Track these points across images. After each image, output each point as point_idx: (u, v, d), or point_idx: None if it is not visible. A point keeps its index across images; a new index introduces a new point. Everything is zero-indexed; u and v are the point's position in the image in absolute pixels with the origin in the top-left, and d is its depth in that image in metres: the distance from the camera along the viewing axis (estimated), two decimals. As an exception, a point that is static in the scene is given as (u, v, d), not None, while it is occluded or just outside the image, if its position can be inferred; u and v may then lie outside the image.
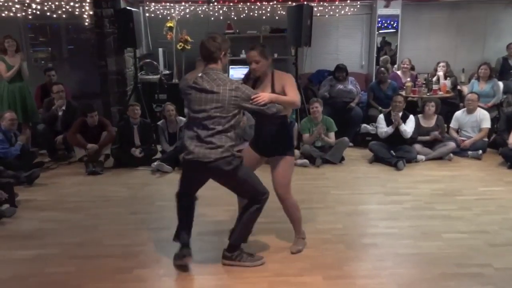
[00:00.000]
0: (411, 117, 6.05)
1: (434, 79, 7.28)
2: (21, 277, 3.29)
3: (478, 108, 6.34)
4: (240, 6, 8.45)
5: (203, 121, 3.05)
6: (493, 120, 6.66)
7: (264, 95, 3.11)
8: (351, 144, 6.61)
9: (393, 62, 8.49)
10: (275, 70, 3.41)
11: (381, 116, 6.23)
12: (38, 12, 7.57)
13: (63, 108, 6.37)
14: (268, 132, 3.40)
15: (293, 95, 3.26)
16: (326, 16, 8.66)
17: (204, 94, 3.04)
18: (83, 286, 3.16)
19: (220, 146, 3.02)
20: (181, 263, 3.27)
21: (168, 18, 7.95)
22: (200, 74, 3.10)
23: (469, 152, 6.18)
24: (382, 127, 6.10)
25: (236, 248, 3.36)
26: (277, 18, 8.47)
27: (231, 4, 8.35)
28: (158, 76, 7.58)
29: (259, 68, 3.29)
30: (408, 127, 5.96)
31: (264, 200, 3.30)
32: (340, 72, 7.00)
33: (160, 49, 8.08)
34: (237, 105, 3.05)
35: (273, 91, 3.27)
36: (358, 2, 8.66)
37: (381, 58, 8.32)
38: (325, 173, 5.69)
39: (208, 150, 3.03)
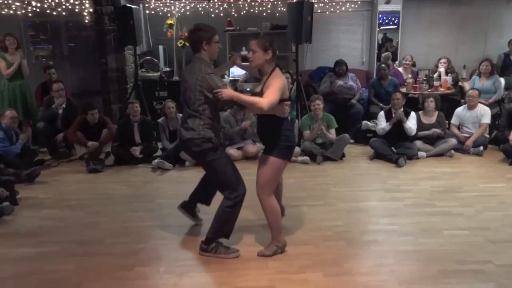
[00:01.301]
0: (413, 114, 6.04)
1: (435, 75, 7.26)
2: (22, 275, 3.29)
3: (479, 104, 6.32)
4: (240, 3, 8.42)
5: (184, 105, 3.36)
6: (494, 117, 6.64)
7: (225, 92, 3.14)
8: (352, 141, 6.61)
9: (394, 59, 8.46)
10: (277, 69, 3.30)
11: (382, 113, 6.22)
12: (38, 10, 7.56)
13: (63, 106, 6.37)
14: (261, 126, 3.42)
15: (263, 98, 3.12)
16: (327, 12, 8.63)
17: (184, 82, 3.34)
18: (83, 283, 3.16)
19: (192, 128, 3.26)
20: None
21: (168, 15, 7.93)
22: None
23: (470, 149, 6.17)
24: (381, 124, 6.09)
25: (212, 240, 3.45)
26: (277, 15, 8.44)
27: (232, 1, 8.33)
28: (159, 73, 7.57)
29: (254, 58, 3.27)
30: (411, 124, 5.95)
31: (236, 200, 3.31)
32: (340, 66, 6.99)
33: (161, 47, 8.07)
34: (203, 94, 3.19)
35: (262, 89, 3.24)
36: (359, -1, 8.64)
37: (383, 55, 8.29)
38: (326, 170, 5.69)
39: (185, 131, 3.32)
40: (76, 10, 7.62)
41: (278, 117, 3.28)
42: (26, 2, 7.45)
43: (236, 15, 8.47)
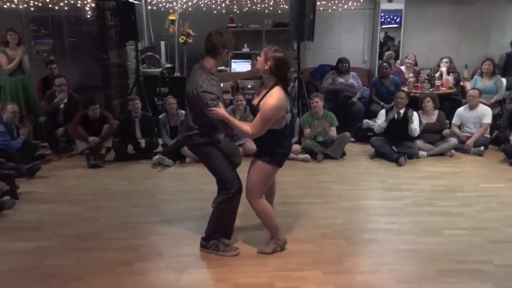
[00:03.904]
0: (415, 114, 6.01)
1: (437, 75, 7.25)
2: (22, 269, 3.30)
3: (480, 104, 6.31)
4: (242, -1, 8.43)
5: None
6: (496, 117, 6.63)
7: (217, 111, 3.09)
8: (352, 139, 6.60)
9: (395, 58, 8.45)
10: (276, 88, 3.12)
11: (382, 112, 6.22)
12: (40, 4, 7.56)
13: (65, 101, 6.36)
14: None
15: (252, 125, 3.11)
16: (329, 10, 8.62)
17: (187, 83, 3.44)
18: (83, 278, 3.17)
19: (189, 129, 3.31)
20: None
21: (170, 11, 7.91)
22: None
23: (471, 149, 6.16)
24: (379, 121, 6.09)
25: (211, 238, 3.45)
26: (279, 12, 8.42)
27: (234, -3, 8.33)
28: (160, 69, 7.57)
29: (257, 63, 3.19)
30: (416, 125, 5.93)
31: (226, 197, 3.30)
32: (343, 63, 6.98)
33: (162, 42, 8.06)
34: (196, 105, 3.18)
35: (258, 103, 3.14)
36: (361, -3, 8.62)
37: (386, 54, 8.28)
38: (327, 168, 5.68)
39: (185, 131, 3.41)
40: (78, 5, 7.62)
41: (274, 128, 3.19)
42: (28, -4, 7.45)
43: (238, 12, 8.46)
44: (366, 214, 4.31)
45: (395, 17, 8.51)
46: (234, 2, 8.41)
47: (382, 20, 8.50)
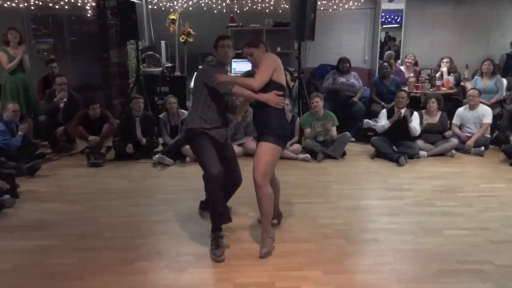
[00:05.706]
0: (415, 114, 6.01)
1: (438, 75, 7.25)
2: (23, 268, 3.30)
3: (481, 104, 6.31)
4: (243, -1, 8.42)
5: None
6: (496, 117, 6.63)
7: (220, 76, 3.41)
8: (353, 139, 6.60)
9: (396, 58, 8.45)
10: (267, 53, 3.48)
11: (383, 112, 6.22)
12: (40, 3, 7.56)
13: (65, 100, 6.36)
14: (255, 116, 3.51)
15: (255, 78, 3.35)
16: (330, 10, 8.62)
17: None
18: (84, 277, 3.17)
19: (188, 121, 3.61)
20: None
21: (171, 10, 7.92)
22: None
23: (472, 149, 6.16)
24: (381, 121, 6.09)
25: (218, 228, 3.46)
26: (280, 11, 8.43)
27: (234, -4, 8.34)
28: (160, 68, 7.57)
29: (254, 58, 3.47)
30: (416, 124, 5.93)
31: (205, 179, 3.41)
32: (343, 63, 6.98)
33: (163, 42, 8.06)
34: (202, 82, 3.53)
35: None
36: (362, -4, 8.62)
37: (386, 53, 8.27)
38: (327, 167, 5.69)
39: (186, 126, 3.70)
40: (79, 4, 7.61)
41: (271, 107, 3.37)
42: (28, -5, 7.45)
43: (238, 11, 8.47)
44: (367, 214, 4.31)
45: (396, 17, 8.51)
46: (235, 1, 8.41)
47: (383, 20, 8.50)
